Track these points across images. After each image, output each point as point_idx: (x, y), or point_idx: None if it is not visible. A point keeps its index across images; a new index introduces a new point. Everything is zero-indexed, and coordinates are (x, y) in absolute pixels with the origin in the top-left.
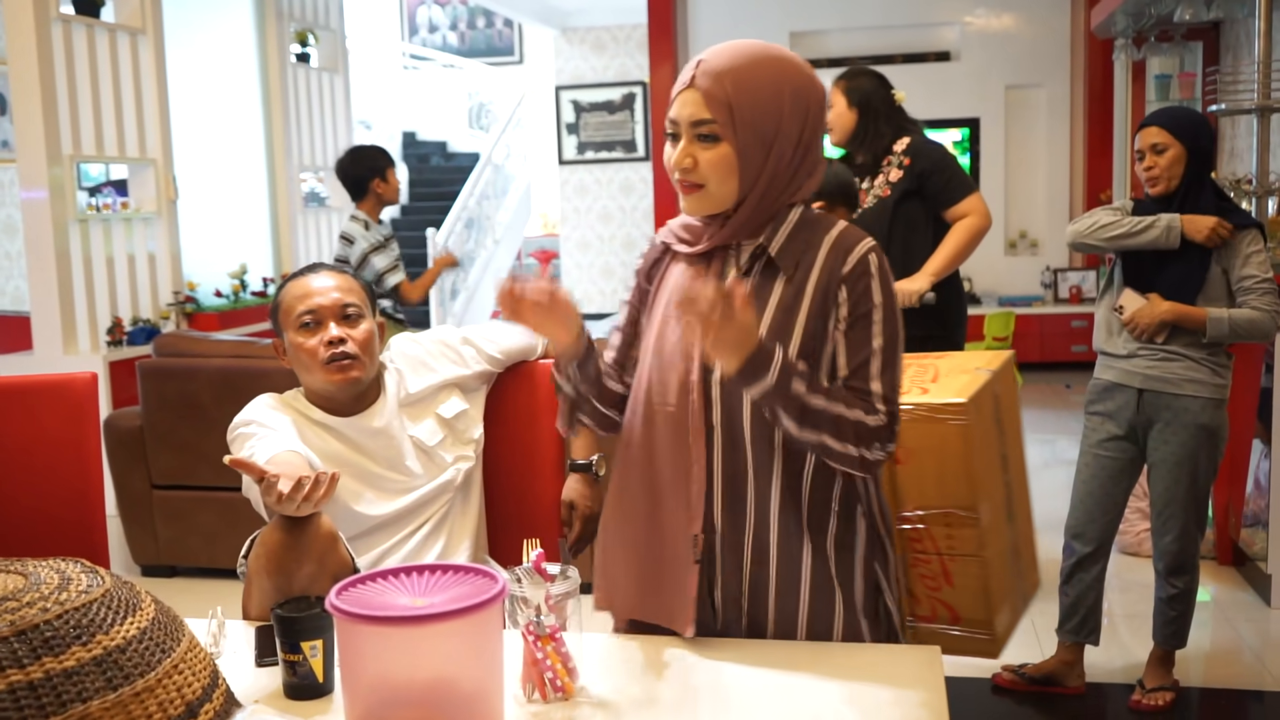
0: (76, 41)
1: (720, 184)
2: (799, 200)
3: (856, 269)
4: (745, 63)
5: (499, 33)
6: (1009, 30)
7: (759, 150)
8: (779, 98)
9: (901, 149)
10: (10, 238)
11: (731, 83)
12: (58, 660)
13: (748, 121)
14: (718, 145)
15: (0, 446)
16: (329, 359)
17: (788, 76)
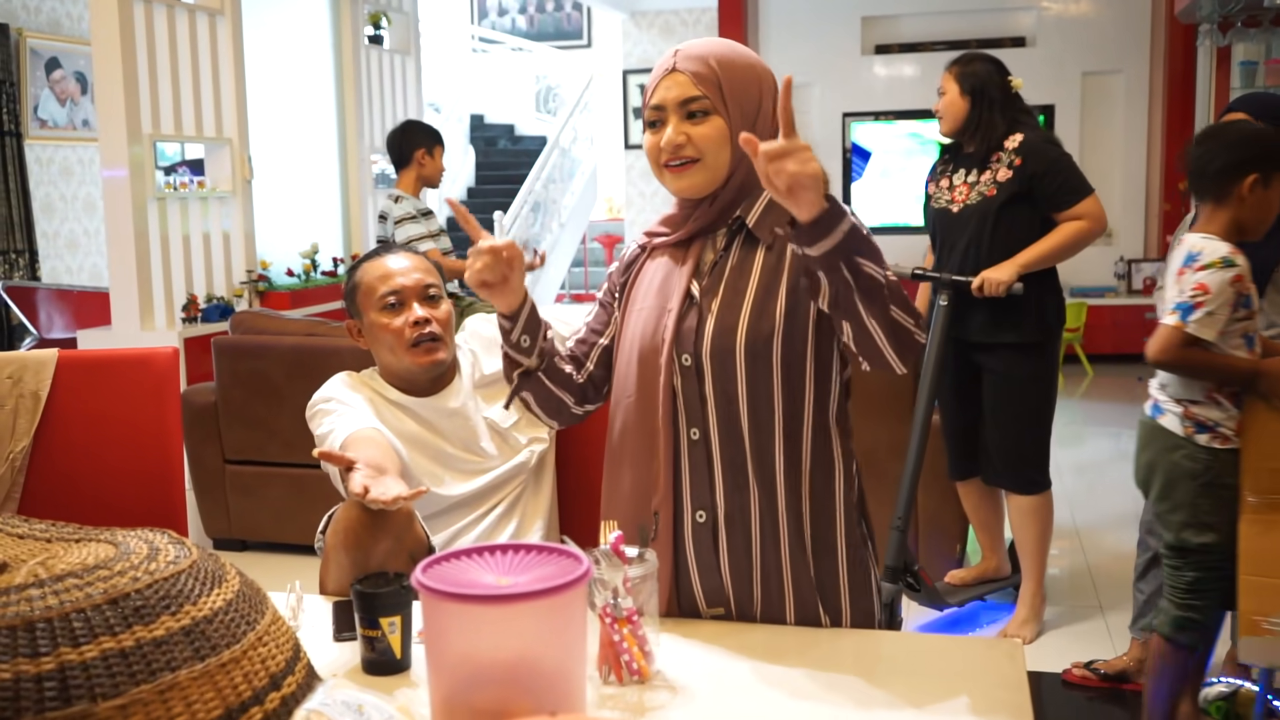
0: (157, 22)
1: (716, 155)
2: None
3: None
4: (723, 48)
5: (567, 16)
6: (1087, 15)
7: (746, 124)
8: (757, 79)
9: (1013, 146)
10: (90, 215)
11: (716, 62)
12: (148, 629)
13: (735, 97)
14: (709, 119)
15: (84, 419)
16: (415, 340)
17: (752, 58)
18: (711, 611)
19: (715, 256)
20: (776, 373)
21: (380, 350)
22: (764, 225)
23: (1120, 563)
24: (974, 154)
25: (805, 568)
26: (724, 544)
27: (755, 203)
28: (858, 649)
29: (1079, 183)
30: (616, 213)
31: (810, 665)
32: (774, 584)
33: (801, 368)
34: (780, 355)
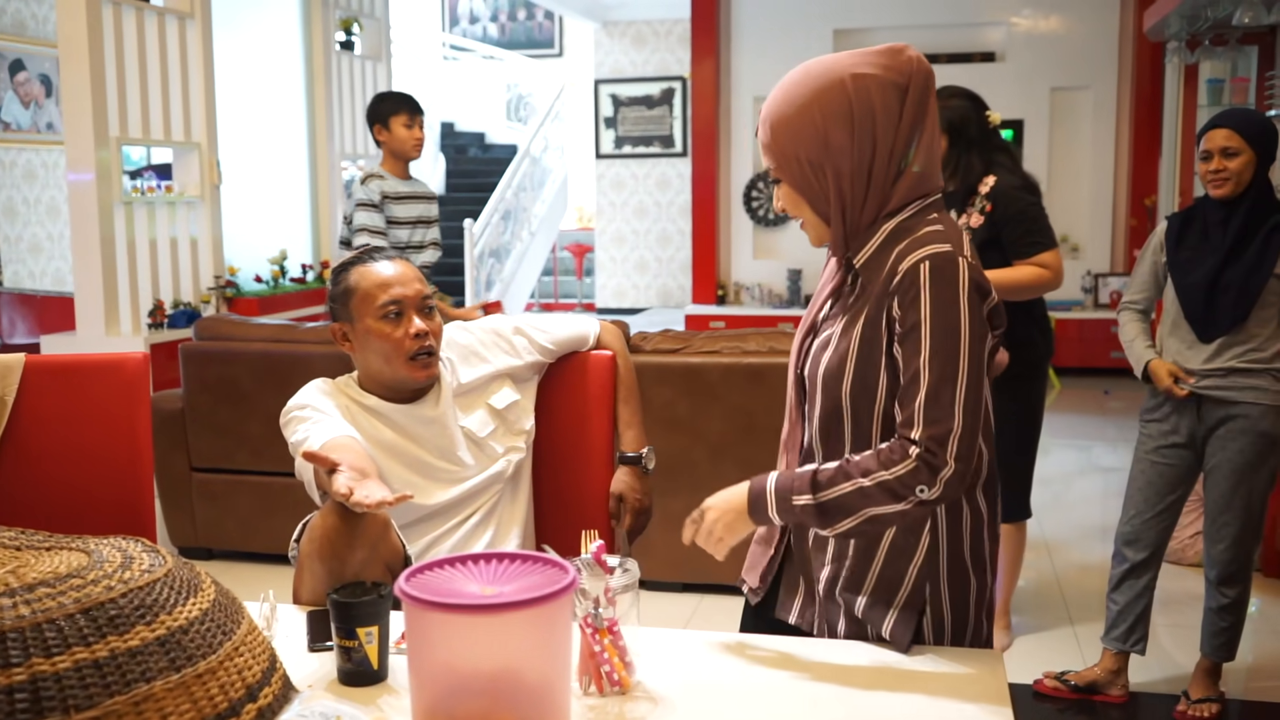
0: (125, 25)
1: (804, 215)
2: (897, 204)
3: (905, 280)
4: (780, 96)
5: (539, 25)
6: (1056, 31)
7: (812, 173)
8: (811, 121)
9: (986, 191)
10: (53, 219)
11: (770, 125)
12: (122, 639)
13: (790, 154)
14: (781, 185)
15: (51, 424)
16: (415, 353)
17: (814, 90)
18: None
19: (847, 285)
20: (845, 401)
21: (371, 357)
22: (871, 266)
23: (1088, 574)
24: (954, 193)
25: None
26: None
27: (870, 240)
28: (839, 660)
29: (1042, 235)
30: (587, 222)
31: (791, 677)
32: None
33: (870, 408)
34: (849, 392)
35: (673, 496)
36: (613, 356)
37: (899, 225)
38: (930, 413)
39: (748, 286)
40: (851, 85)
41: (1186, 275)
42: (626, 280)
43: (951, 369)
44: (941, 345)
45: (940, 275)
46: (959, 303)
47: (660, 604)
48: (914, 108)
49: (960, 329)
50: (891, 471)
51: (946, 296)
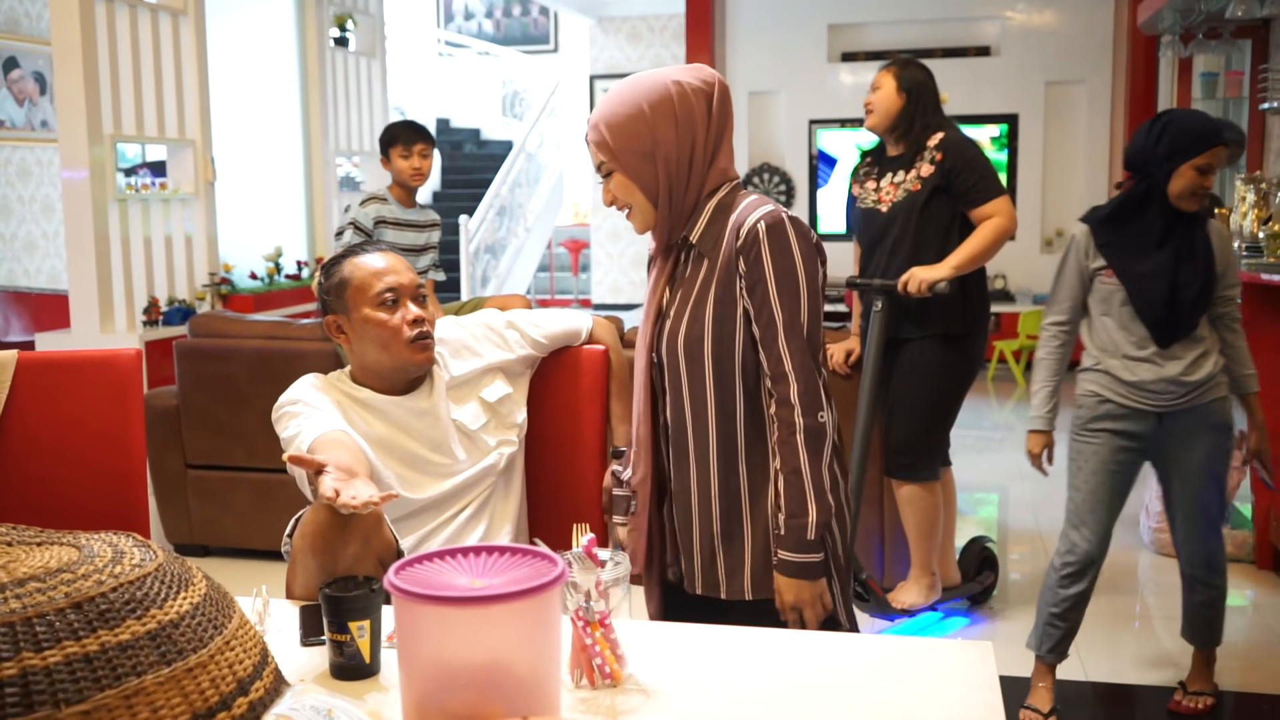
0: (119, 22)
1: (635, 202)
2: (712, 187)
3: (746, 240)
4: (610, 100)
5: (534, 21)
6: (1050, 25)
7: (644, 164)
8: (639, 116)
9: (934, 143)
10: (48, 217)
11: (601, 121)
12: (113, 633)
13: (620, 147)
14: (613, 176)
15: (44, 422)
16: (414, 337)
17: (643, 96)
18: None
19: (680, 267)
20: (708, 369)
21: (369, 346)
22: (706, 238)
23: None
24: (900, 156)
25: (740, 544)
26: (673, 517)
27: (700, 216)
28: (830, 652)
29: (992, 182)
30: (582, 218)
31: (783, 668)
32: (706, 556)
33: (731, 364)
34: (710, 353)
35: None
36: (605, 351)
37: (720, 202)
38: (789, 343)
39: None
40: (674, 90)
41: (1142, 280)
42: (622, 276)
43: (795, 305)
44: (784, 288)
45: (775, 230)
46: (793, 250)
47: None
48: (719, 109)
49: (798, 271)
50: (800, 432)
51: (782, 247)
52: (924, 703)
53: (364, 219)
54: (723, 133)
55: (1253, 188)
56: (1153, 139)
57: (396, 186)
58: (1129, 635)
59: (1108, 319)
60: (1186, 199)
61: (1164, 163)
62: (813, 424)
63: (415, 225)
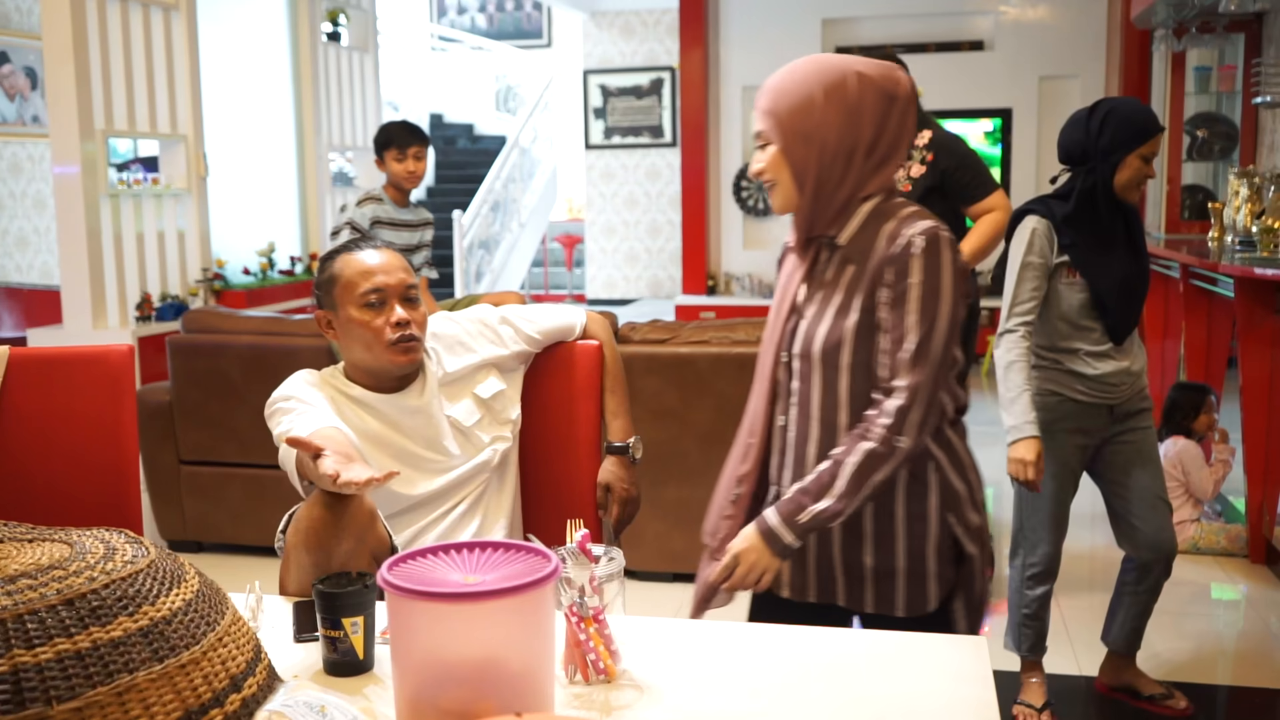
0: (110, 17)
1: (780, 180)
2: (872, 193)
3: (898, 252)
4: (787, 73)
5: (527, 15)
6: (1044, 20)
7: (801, 145)
8: (811, 97)
9: (923, 143)
10: (39, 212)
11: (772, 92)
12: (105, 630)
13: (784, 122)
14: (769, 149)
15: (36, 417)
16: (395, 340)
17: (822, 78)
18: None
19: (820, 265)
20: (844, 377)
21: (354, 346)
22: (855, 245)
23: (1077, 561)
24: None
25: (858, 553)
26: None
27: (850, 220)
28: (824, 646)
29: (986, 177)
30: (577, 213)
31: (777, 663)
32: (825, 564)
33: (866, 376)
34: (848, 362)
35: (662, 486)
36: (599, 346)
37: (877, 208)
38: (914, 365)
39: (738, 277)
40: (854, 81)
41: (1102, 276)
42: (617, 271)
43: (932, 329)
44: (927, 308)
45: (931, 247)
46: (943, 272)
47: (650, 594)
48: (899, 116)
49: (942, 294)
50: (871, 439)
51: (935, 266)
52: (918, 697)
53: (360, 219)
54: (898, 140)
55: (1246, 182)
56: (1094, 130)
57: (391, 187)
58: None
59: (1061, 319)
60: (1131, 189)
61: (1108, 154)
62: (886, 443)
63: (410, 225)
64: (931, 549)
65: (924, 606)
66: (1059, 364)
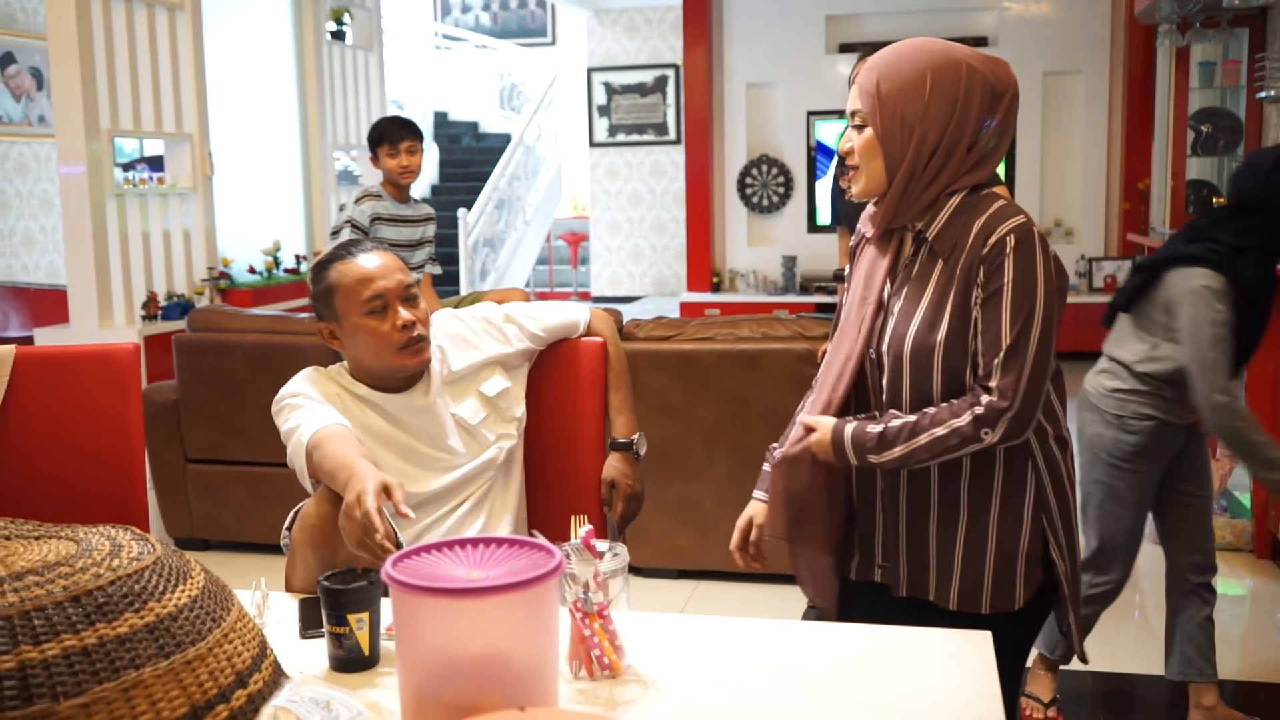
0: (116, 17)
1: (868, 165)
2: (962, 188)
3: (993, 249)
4: (897, 54)
5: (531, 14)
6: (1048, 15)
7: (900, 133)
8: (920, 87)
9: None
10: (46, 212)
11: (879, 73)
12: (111, 626)
13: (887, 107)
14: (865, 131)
15: (42, 416)
16: (405, 343)
17: (934, 68)
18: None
19: (905, 259)
20: (937, 378)
21: (362, 353)
22: (943, 239)
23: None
24: None
25: (951, 547)
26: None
27: (939, 214)
28: (828, 642)
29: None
30: (581, 210)
31: (782, 659)
32: (916, 563)
33: (961, 378)
34: (941, 364)
35: (667, 483)
36: (603, 343)
37: (965, 201)
38: (1007, 364)
39: (742, 273)
40: (965, 72)
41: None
42: (621, 268)
43: (1027, 327)
44: (1021, 306)
45: (1023, 244)
46: (1035, 267)
47: (656, 591)
48: (1005, 113)
49: (1037, 291)
50: (963, 419)
51: (1028, 263)
52: (922, 691)
53: (360, 217)
54: (999, 139)
55: None
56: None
57: (389, 183)
58: (1129, 626)
59: None
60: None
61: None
62: (974, 430)
63: (410, 221)
64: (1022, 549)
65: (1010, 604)
66: (1165, 392)
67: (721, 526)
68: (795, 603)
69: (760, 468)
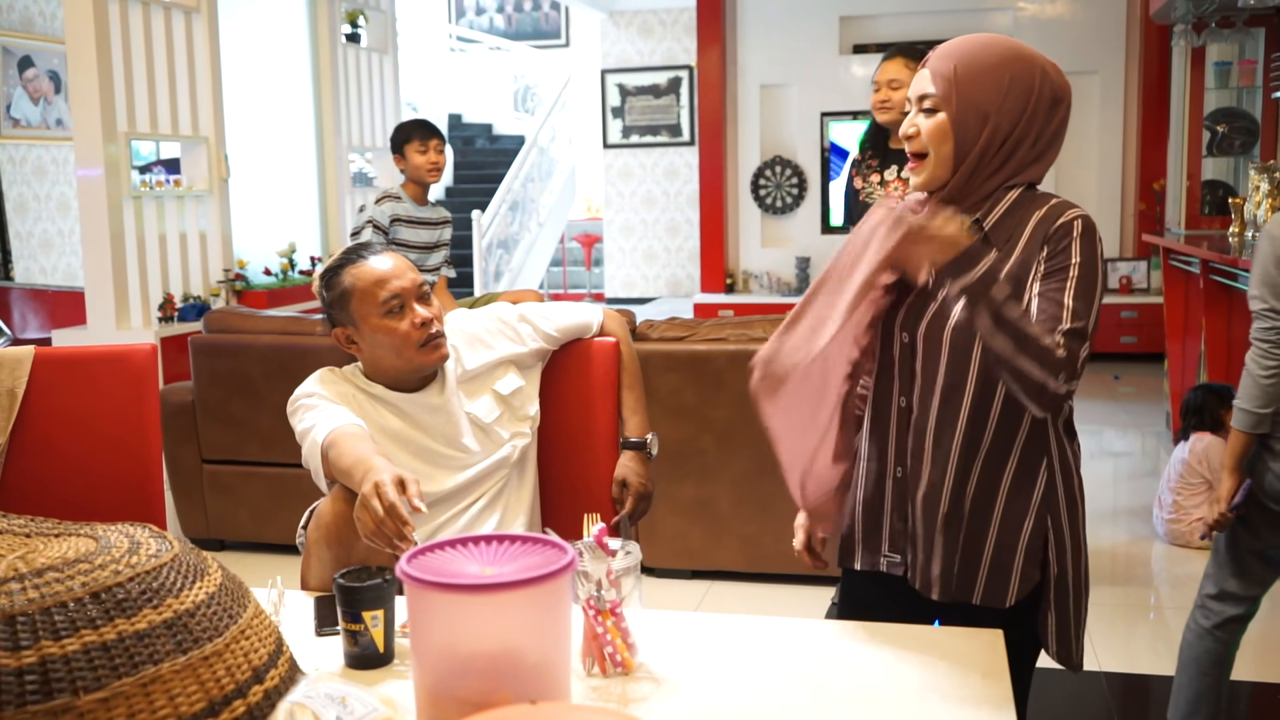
0: (132, 20)
1: (937, 150)
2: (1020, 183)
3: (1059, 230)
4: (974, 44)
5: (545, 15)
6: (1062, 16)
7: (974, 121)
8: (999, 78)
9: None
10: (63, 215)
11: (957, 60)
12: (130, 622)
13: (964, 94)
14: (935, 116)
15: (60, 417)
16: (424, 340)
17: (1012, 62)
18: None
19: None
20: (974, 363)
21: (382, 353)
22: (1000, 229)
23: (1098, 558)
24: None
25: (954, 542)
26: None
27: (997, 205)
28: (839, 640)
29: None
30: (595, 212)
31: (793, 656)
32: (921, 548)
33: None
34: (980, 351)
35: (680, 484)
36: (616, 343)
37: (1023, 195)
38: (1070, 339)
39: (756, 275)
40: (1040, 72)
41: None
42: (635, 270)
43: (1087, 311)
44: (1084, 285)
45: (1089, 231)
46: (1097, 256)
47: (669, 591)
48: (1062, 118)
49: (1098, 282)
50: (1054, 348)
51: (1092, 249)
52: (934, 690)
53: (381, 217)
54: (1054, 143)
55: (1266, 177)
56: None
57: (411, 184)
58: (1143, 626)
59: None
60: None
61: None
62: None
63: (429, 223)
64: (1021, 545)
65: (1001, 600)
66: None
67: (735, 527)
68: (808, 602)
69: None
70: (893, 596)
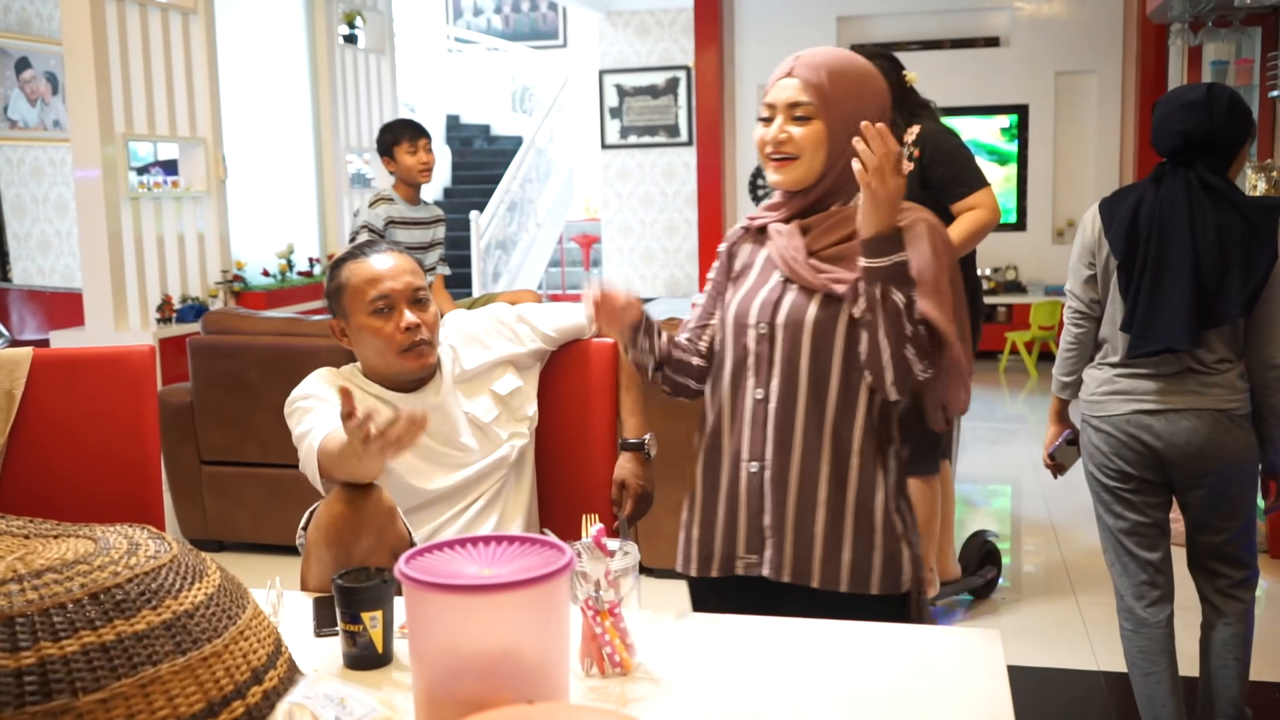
0: (129, 21)
1: (812, 156)
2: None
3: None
4: (837, 57)
5: (543, 16)
6: (1060, 15)
7: (844, 130)
8: (863, 90)
9: (911, 139)
10: (61, 216)
11: (826, 73)
12: (129, 623)
13: (838, 104)
14: (810, 124)
15: (59, 418)
16: (406, 346)
17: (868, 76)
18: (746, 559)
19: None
20: (838, 350)
21: (367, 352)
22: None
23: (1094, 557)
24: None
25: (839, 532)
26: (768, 497)
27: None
28: (837, 640)
29: (973, 173)
30: (593, 213)
31: (790, 656)
32: (804, 540)
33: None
34: (844, 336)
35: (677, 483)
36: (615, 344)
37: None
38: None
39: None
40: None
41: None
42: (634, 271)
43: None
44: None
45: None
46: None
47: (666, 591)
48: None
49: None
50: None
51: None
52: (931, 690)
53: (375, 221)
54: None
55: (1264, 176)
56: None
57: (402, 185)
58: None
59: None
60: None
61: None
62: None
63: (422, 223)
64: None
65: (897, 586)
66: None
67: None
68: None
69: None
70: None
